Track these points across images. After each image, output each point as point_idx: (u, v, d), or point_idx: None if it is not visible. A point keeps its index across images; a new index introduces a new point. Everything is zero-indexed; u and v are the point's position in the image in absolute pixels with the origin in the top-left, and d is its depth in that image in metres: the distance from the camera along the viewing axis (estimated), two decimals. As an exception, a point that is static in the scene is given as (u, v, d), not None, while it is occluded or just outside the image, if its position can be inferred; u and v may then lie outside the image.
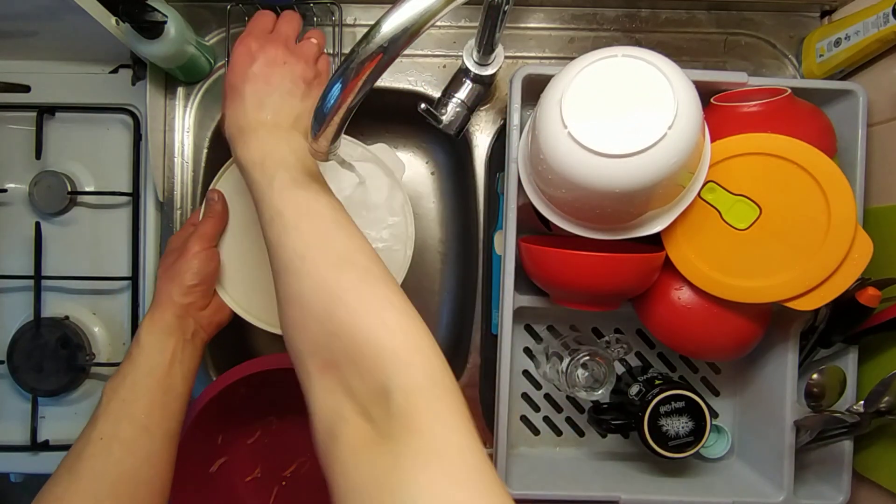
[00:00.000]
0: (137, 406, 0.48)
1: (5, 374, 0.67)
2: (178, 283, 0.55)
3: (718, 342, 0.60)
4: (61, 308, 0.69)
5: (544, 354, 0.67)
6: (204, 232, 0.58)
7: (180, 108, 0.69)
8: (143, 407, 0.48)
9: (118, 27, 0.59)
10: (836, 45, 0.63)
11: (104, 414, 0.47)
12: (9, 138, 0.69)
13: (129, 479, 0.45)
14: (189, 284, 0.55)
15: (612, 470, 0.68)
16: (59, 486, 0.44)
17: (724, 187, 0.55)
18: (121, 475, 0.45)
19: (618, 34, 0.71)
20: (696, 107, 0.49)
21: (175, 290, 0.54)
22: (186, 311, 0.55)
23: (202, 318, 0.57)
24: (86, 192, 0.69)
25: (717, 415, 0.71)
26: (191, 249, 0.56)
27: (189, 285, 0.55)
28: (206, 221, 0.59)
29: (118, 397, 0.48)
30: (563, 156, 0.49)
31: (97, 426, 0.47)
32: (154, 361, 0.50)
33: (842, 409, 0.61)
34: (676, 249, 0.57)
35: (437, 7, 0.38)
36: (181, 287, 0.55)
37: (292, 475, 0.69)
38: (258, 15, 0.55)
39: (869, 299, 0.57)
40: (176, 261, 0.57)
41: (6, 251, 0.69)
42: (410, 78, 0.71)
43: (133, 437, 0.47)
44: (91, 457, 0.45)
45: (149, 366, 0.50)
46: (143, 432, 0.47)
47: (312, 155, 0.46)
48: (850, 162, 0.61)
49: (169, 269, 0.57)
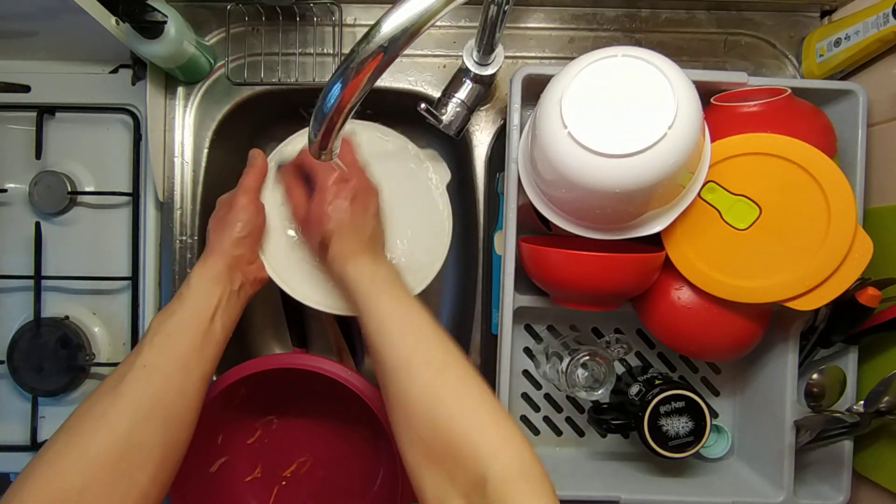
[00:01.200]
0: (180, 343, 0.51)
1: (5, 374, 0.67)
2: (229, 234, 0.57)
3: (718, 342, 0.60)
4: (61, 308, 0.69)
5: (544, 354, 0.67)
6: (248, 185, 0.60)
7: (180, 108, 0.69)
8: (185, 345, 0.51)
9: (118, 27, 0.59)
10: (836, 45, 0.63)
11: (149, 345, 0.50)
12: (9, 138, 0.69)
13: (165, 408, 0.48)
14: (239, 236, 0.57)
15: (612, 470, 0.68)
16: (101, 403, 0.46)
17: (724, 187, 0.55)
18: (158, 403, 0.47)
19: (618, 34, 0.71)
20: (696, 107, 0.49)
21: (226, 241, 0.56)
22: (236, 262, 0.57)
23: (249, 272, 0.59)
24: (86, 192, 0.69)
25: (717, 415, 0.71)
26: (239, 202, 0.58)
27: (239, 237, 0.57)
28: (248, 174, 0.61)
29: (164, 331, 0.51)
30: (563, 156, 0.49)
31: (142, 354, 0.49)
32: (200, 304, 0.53)
33: (842, 409, 0.61)
34: (676, 249, 0.57)
35: (437, 7, 0.38)
36: (231, 238, 0.57)
37: (292, 475, 0.69)
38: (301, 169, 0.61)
39: (869, 299, 0.57)
40: (227, 214, 0.58)
41: (6, 251, 0.69)
42: (410, 78, 0.71)
43: (173, 370, 0.49)
44: (134, 380, 0.47)
45: (195, 308, 0.53)
46: (181, 368, 0.50)
47: (313, 155, 0.46)
48: (850, 162, 0.61)
49: (220, 221, 0.59)
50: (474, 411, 0.44)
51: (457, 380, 0.46)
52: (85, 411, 0.46)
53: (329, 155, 0.46)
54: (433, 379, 0.46)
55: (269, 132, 0.78)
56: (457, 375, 0.46)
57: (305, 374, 0.59)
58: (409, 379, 0.46)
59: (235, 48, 0.70)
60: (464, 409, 0.44)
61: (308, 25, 0.70)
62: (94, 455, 0.43)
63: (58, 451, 0.43)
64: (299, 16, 0.69)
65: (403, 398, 0.46)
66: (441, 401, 0.44)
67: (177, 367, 0.50)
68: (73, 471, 0.42)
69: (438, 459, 0.42)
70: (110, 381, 0.48)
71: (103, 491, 0.43)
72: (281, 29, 0.70)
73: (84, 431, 0.45)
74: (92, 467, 0.43)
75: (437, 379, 0.46)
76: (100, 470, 0.43)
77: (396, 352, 0.48)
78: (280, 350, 0.81)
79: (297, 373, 0.59)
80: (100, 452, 0.43)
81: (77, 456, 0.43)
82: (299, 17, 0.69)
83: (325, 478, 0.69)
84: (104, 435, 0.44)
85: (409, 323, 0.50)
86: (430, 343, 0.48)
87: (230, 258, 0.56)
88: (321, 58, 0.70)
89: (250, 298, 0.60)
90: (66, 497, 0.41)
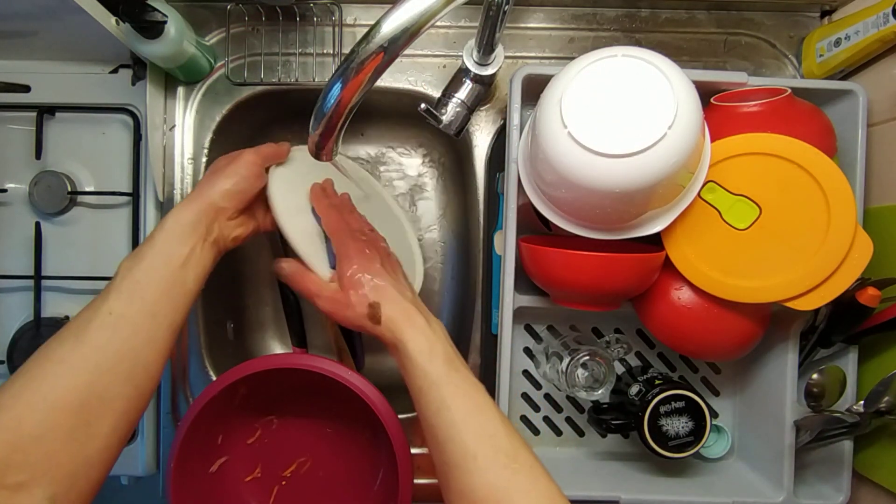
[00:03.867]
0: (149, 290, 0.48)
1: (5, 374, 0.67)
2: (221, 184, 0.54)
3: (718, 342, 0.60)
4: (61, 308, 0.69)
5: (544, 354, 0.67)
6: (261, 149, 0.58)
7: (180, 108, 0.69)
8: (154, 293, 0.48)
9: (118, 27, 0.59)
10: (836, 45, 0.63)
11: (116, 290, 0.47)
12: (9, 138, 0.69)
13: (131, 357, 0.46)
14: (231, 189, 0.54)
15: (612, 470, 0.68)
16: (62, 348, 0.44)
17: (724, 187, 0.55)
18: (124, 352, 0.45)
19: (618, 34, 0.71)
20: (696, 107, 0.49)
21: (215, 189, 0.54)
22: (217, 214, 0.54)
23: (226, 227, 0.56)
24: (86, 192, 0.69)
25: (717, 415, 0.71)
26: (245, 157, 0.56)
27: (230, 190, 0.54)
28: (267, 146, 0.59)
29: (132, 277, 0.48)
30: (563, 156, 0.49)
31: (108, 300, 0.46)
32: (173, 251, 0.50)
33: (842, 409, 0.61)
34: (676, 249, 0.57)
35: (437, 7, 0.38)
36: (222, 188, 0.54)
37: (292, 475, 0.69)
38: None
39: (869, 299, 0.57)
40: (227, 164, 0.56)
41: (6, 251, 0.69)
42: (410, 78, 0.71)
43: (141, 319, 0.47)
44: (99, 328, 0.45)
45: (167, 254, 0.50)
46: (150, 317, 0.48)
47: (313, 155, 0.46)
48: (850, 162, 0.61)
49: (217, 170, 0.56)
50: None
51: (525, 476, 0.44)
52: (46, 356, 0.44)
53: (328, 155, 0.46)
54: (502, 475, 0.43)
55: (269, 132, 0.78)
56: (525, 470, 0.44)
57: (305, 374, 0.59)
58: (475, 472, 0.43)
59: (235, 48, 0.70)
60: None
61: (308, 25, 0.70)
62: (53, 401, 0.41)
63: (15, 397, 0.41)
64: (299, 16, 0.69)
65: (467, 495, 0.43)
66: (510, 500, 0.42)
67: (145, 315, 0.47)
68: (31, 416, 0.41)
69: None
70: (74, 326, 0.45)
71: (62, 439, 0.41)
72: (281, 29, 0.70)
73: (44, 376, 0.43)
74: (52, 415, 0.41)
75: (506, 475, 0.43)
76: (59, 417, 0.41)
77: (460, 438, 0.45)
78: (280, 350, 0.81)
79: (297, 373, 0.59)
80: (59, 398, 0.42)
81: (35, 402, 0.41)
82: (299, 17, 0.69)
83: (325, 478, 0.69)
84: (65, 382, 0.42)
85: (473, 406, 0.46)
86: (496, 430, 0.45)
87: (213, 208, 0.53)
88: (321, 58, 0.70)
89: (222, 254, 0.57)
90: (23, 444, 0.40)
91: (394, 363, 0.51)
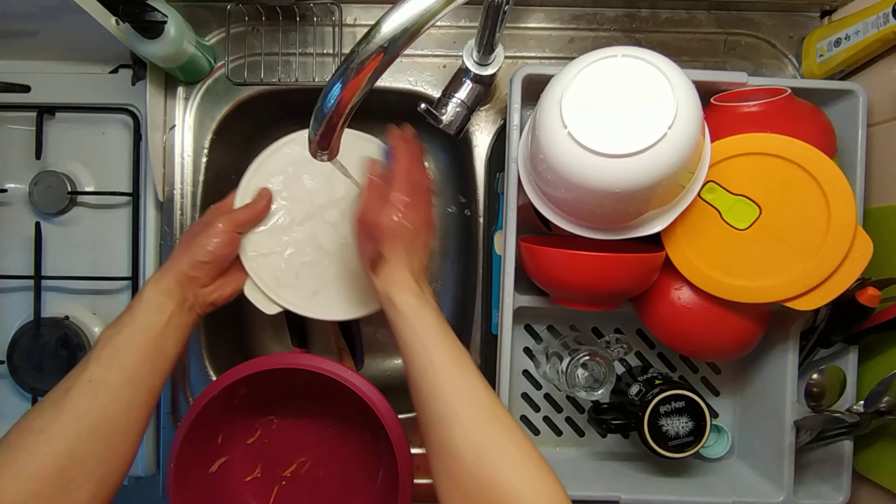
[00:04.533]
0: (129, 358, 0.50)
1: (5, 374, 0.68)
2: (192, 254, 0.56)
3: (718, 342, 0.60)
4: (61, 308, 0.69)
5: (544, 354, 0.67)
6: (237, 217, 0.60)
7: (180, 108, 0.69)
8: (134, 360, 0.50)
9: (118, 27, 0.59)
10: (836, 45, 0.63)
11: (96, 359, 0.49)
12: (9, 138, 0.69)
13: (109, 424, 0.47)
14: (200, 260, 0.56)
15: (612, 470, 0.68)
16: (42, 419, 0.45)
17: (724, 187, 0.55)
18: (103, 419, 0.47)
19: (618, 34, 0.71)
20: (696, 107, 0.49)
21: (186, 261, 0.56)
22: (190, 283, 0.56)
23: (200, 294, 0.57)
24: (86, 192, 0.69)
25: (717, 415, 0.71)
26: (215, 226, 0.58)
27: (200, 261, 0.56)
28: (245, 209, 0.61)
29: (112, 345, 0.50)
30: (563, 156, 0.49)
31: (88, 368, 0.48)
32: (152, 319, 0.52)
33: (842, 409, 0.61)
34: (676, 249, 0.57)
35: (437, 7, 0.38)
36: (192, 260, 0.56)
37: (292, 475, 0.69)
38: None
39: (869, 299, 0.57)
40: (200, 233, 0.58)
41: (6, 251, 0.69)
42: (410, 78, 0.71)
43: (120, 385, 0.48)
44: (78, 396, 0.46)
45: (147, 322, 0.52)
46: (128, 383, 0.49)
47: (313, 155, 0.46)
48: (850, 162, 0.61)
49: (190, 238, 0.58)
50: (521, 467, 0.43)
51: (503, 431, 0.45)
52: (26, 426, 0.45)
53: (328, 155, 0.46)
54: (482, 429, 0.45)
55: (269, 132, 0.78)
56: (503, 426, 0.45)
57: (305, 374, 0.59)
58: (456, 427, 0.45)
59: (235, 48, 0.70)
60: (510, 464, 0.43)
61: (308, 25, 0.70)
62: (35, 471, 0.43)
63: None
64: (299, 16, 0.69)
65: (449, 446, 0.45)
66: (488, 454, 0.44)
67: (124, 382, 0.49)
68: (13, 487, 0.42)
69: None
70: (53, 396, 0.47)
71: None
72: (281, 29, 0.70)
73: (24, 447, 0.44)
74: (31, 483, 0.42)
75: (485, 430, 0.45)
76: (39, 485, 0.42)
77: (443, 395, 0.46)
78: (280, 350, 0.81)
79: (297, 373, 0.59)
80: (39, 468, 0.43)
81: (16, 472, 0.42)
82: (299, 17, 0.69)
83: (325, 478, 0.69)
84: (45, 451, 0.44)
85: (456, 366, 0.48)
86: (477, 390, 0.47)
87: (184, 277, 0.55)
88: (321, 58, 0.70)
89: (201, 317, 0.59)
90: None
91: (394, 364, 0.51)
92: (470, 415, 0.45)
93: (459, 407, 0.46)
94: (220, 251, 0.58)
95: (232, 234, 0.59)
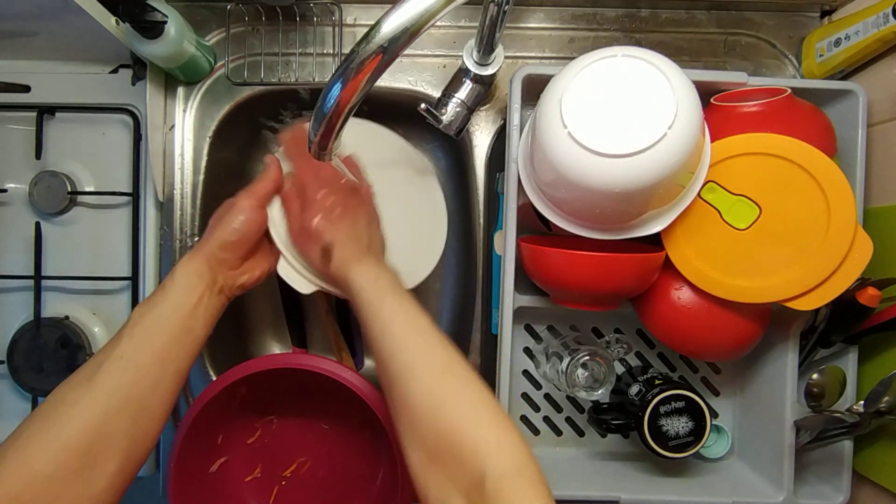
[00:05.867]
0: (159, 337, 0.50)
1: (5, 374, 0.67)
2: (219, 235, 0.56)
3: (718, 342, 0.60)
4: (61, 308, 0.69)
5: (544, 354, 0.67)
6: (255, 189, 0.59)
7: (180, 108, 0.69)
8: (164, 339, 0.50)
9: (118, 27, 0.59)
10: (836, 45, 0.63)
11: (128, 336, 0.49)
12: (9, 138, 0.69)
13: (137, 401, 0.48)
14: (228, 240, 0.56)
15: (612, 470, 0.68)
16: (76, 392, 0.46)
17: (724, 187, 0.55)
18: (131, 396, 0.47)
19: (618, 34, 0.71)
20: (696, 107, 0.49)
21: (214, 242, 0.55)
22: (219, 264, 0.56)
23: (229, 276, 0.57)
24: (86, 192, 0.69)
25: (717, 415, 0.71)
26: (239, 204, 0.57)
27: (228, 241, 0.56)
28: (259, 180, 0.60)
29: (144, 323, 0.50)
30: (563, 156, 0.49)
31: (120, 345, 0.49)
32: (182, 299, 0.52)
33: (842, 409, 0.61)
34: (676, 249, 0.57)
35: (437, 7, 0.38)
36: (220, 241, 0.55)
37: (292, 475, 0.69)
38: None
39: (869, 299, 0.57)
40: (225, 213, 0.57)
41: (6, 251, 0.69)
42: (410, 78, 0.71)
43: (149, 364, 0.49)
44: (109, 372, 0.47)
45: (177, 302, 0.52)
46: (158, 363, 0.50)
47: (314, 155, 0.46)
48: (850, 162, 0.61)
49: (218, 219, 0.57)
50: (475, 413, 0.45)
51: (458, 382, 0.46)
52: (60, 398, 0.46)
53: (329, 155, 0.46)
54: (436, 382, 0.46)
55: (269, 132, 0.78)
56: (458, 377, 0.47)
57: (305, 374, 0.59)
58: (413, 382, 0.46)
59: (235, 48, 0.70)
60: (465, 412, 0.45)
61: (308, 25, 0.70)
62: (65, 441, 0.44)
63: (29, 437, 0.44)
64: (299, 16, 0.69)
65: (407, 401, 0.46)
66: (443, 403, 0.45)
67: (153, 360, 0.49)
68: (43, 456, 0.43)
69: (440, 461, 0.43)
70: (87, 370, 0.48)
71: (71, 477, 0.43)
72: (281, 29, 0.70)
73: (57, 417, 0.45)
74: (62, 453, 0.43)
75: (440, 382, 0.46)
76: (69, 457, 0.43)
77: (400, 355, 0.48)
78: (280, 350, 0.81)
79: (297, 373, 0.59)
80: (70, 439, 0.44)
81: (48, 442, 0.44)
82: (299, 17, 0.69)
83: (325, 478, 0.69)
84: (76, 423, 0.45)
85: (411, 326, 0.50)
86: (432, 346, 0.49)
87: (213, 259, 0.55)
88: (321, 58, 0.70)
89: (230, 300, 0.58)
90: (36, 482, 0.42)
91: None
92: (424, 369, 0.47)
93: (415, 363, 0.47)
94: (246, 228, 0.57)
95: (256, 210, 0.58)
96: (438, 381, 0.46)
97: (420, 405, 0.45)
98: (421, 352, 0.48)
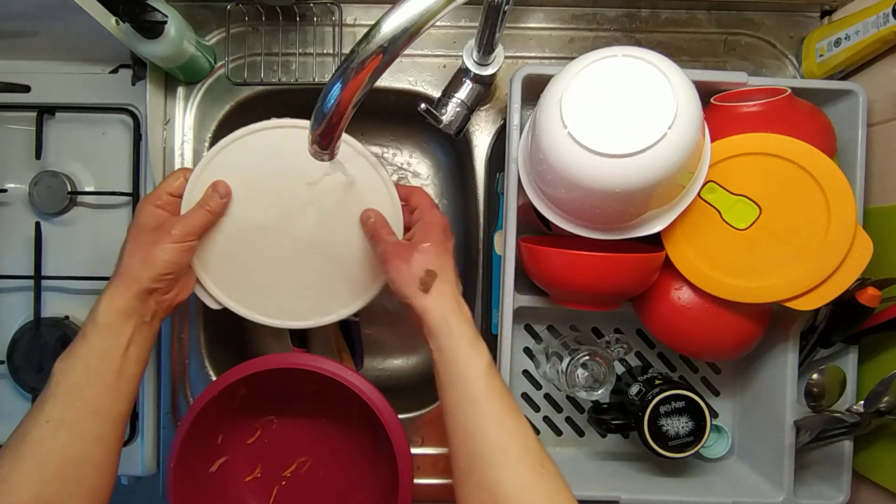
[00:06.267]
0: (89, 390, 0.47)
1: (5, 374, 0.67)
2: (151, 268, 0.51)
3: (718, 342, 0.60)
4: (61, 308, 0.69)
5: (544, 354, 0.67)
6: (194, 224, 0.54)
7: (180, 108, 0.69)
8: (95, 391, 0.47)
9: (118, 27, 0.59)
10: (836, 45, 0.63)
11: (52, 397, 0.46)
12: (9, 138, 0.69)
13: (77, 461, 0.45)
14: (162, 273, 0.51)
15: (612, 470, 0.68)
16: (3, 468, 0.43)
17: (724, 187, 0.55)
18: (68, 458, 0.44)
19: (618, 34, 0.71)
20: (696, 107, 0.49)
21: (145, 275, 0.51)
22: (150, 294, 0.52)
23: (163, 301, 0.54)
24: (86, 192, 0.69)
25: (717, 415, 0.71)
26: (173, 235, 0.52)
27: (162, 273, 0.51)
28: (199, 214, 0.55)
29: (68, 381, 0.47)
30: (563, 156, 0.49)
31: (44, 409, 0.45)
32: (109, 344, 0.49)
33: (842, 409, 0.61)
34: (676, 249, 0.57)
35: (437, 7, 0.38)
36: (153, 274, 0.51)
37: (292, 475, 0.69)
38: None
39: (869, 299, 0.57)
40: (154, 243, 0.52)
41: (6, 251, 0.69)
42: (410, 78, 0.71)
43: (82, 420, 0.46)
44: (36, 440, 0.44)
45: (103, 349, 0.48)
46: (93, 415, 0.46)
47: (313, 155, 0.46)
48: (850, 162, 0.61)
49: (143, 248, 0.52)
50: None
51: (551, 480, 0.44)
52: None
53: (329, 155, 0.46)
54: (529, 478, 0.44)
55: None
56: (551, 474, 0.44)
57: (305, 374, 0.59)
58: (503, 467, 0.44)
59: (235, 48, 0.70)
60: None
61: (308, 25, 0.70)
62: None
63: None
64: (299, 16, 0.69)
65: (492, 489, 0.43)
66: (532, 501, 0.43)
67: (87, 415, 0.46)
68: None
69: None
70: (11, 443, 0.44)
71: None
72: (281, 29, 0.70)
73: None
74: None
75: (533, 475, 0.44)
76: None
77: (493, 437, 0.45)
78: (280, 350, 0.81)
79: (297, 373, 0.59)
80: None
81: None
82: (299, 17, 0.69)
83: (325, 477, 0.69)
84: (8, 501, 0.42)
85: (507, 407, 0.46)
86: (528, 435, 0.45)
87: (144, 291, 0.51)
88: (321, 58, 0.70)
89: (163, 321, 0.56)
90: None
91: (394, 363, 0.50)
92: (519, 456, 0.44)
93: (509, 447, 0.44)
94: (181, 259, 0.53)
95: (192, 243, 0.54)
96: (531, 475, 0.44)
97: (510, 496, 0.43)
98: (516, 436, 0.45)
